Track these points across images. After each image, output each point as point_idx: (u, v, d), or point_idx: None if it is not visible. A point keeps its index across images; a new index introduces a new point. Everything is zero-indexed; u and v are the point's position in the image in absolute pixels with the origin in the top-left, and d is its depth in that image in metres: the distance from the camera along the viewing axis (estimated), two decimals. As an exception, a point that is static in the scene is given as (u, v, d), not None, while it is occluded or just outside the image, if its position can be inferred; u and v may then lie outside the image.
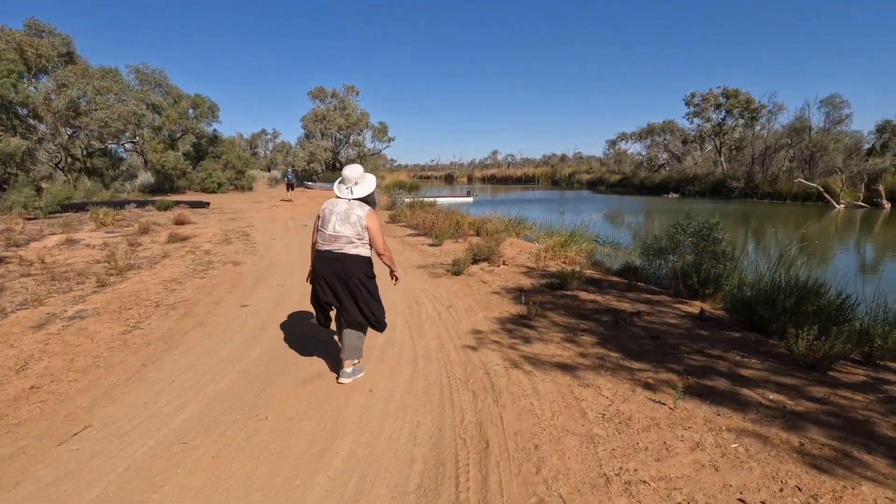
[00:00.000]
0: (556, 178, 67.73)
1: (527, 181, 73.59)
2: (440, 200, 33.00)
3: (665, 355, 3.75)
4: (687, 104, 36.77)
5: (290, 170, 31.96)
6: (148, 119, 27.01)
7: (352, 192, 3.35)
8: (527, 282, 6.38)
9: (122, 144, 30.41)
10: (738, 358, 3.67)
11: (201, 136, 32.42)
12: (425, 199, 34.46)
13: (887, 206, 23.55)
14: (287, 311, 5.29)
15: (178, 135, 30.57)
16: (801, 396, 3.03)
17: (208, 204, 20.51)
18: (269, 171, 49.56)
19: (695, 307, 5.11)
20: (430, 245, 9.98)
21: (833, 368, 3.50)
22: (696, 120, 37.46)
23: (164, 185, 29.04)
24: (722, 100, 35.36)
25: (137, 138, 30.19)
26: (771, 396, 3.03)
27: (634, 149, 53.37)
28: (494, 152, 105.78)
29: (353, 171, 3.37)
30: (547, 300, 5.47)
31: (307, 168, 35.65)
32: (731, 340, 4.03)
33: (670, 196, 35.93)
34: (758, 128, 34.14)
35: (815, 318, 3.84)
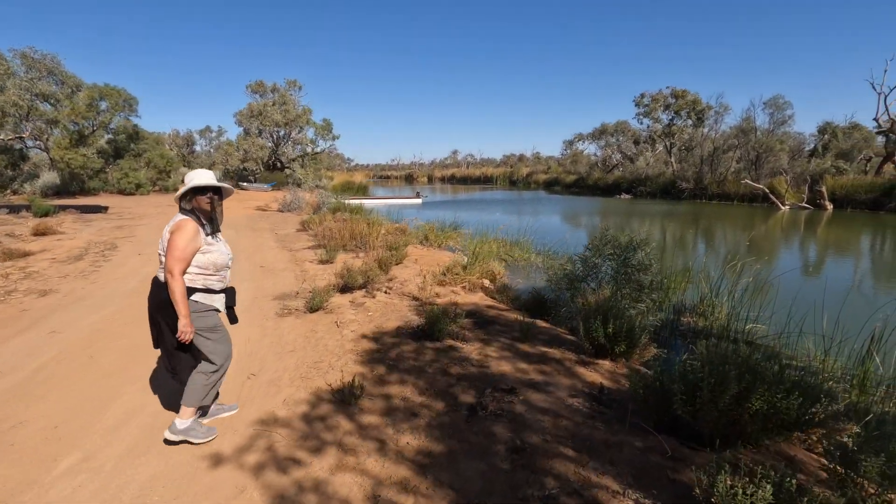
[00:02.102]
0: (514, 178, 67.21)
1: (485, 181, 72.81)
2: (378, 203, 31.16)
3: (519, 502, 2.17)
4: (637, 105, 36.34)
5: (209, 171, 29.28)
6: (41, 111, 23.85)
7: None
8: (396, 323, 4.75)
9: (23, 140, 26.92)
10: None
11: (118, 132, 29.29)
12: (364, 201, 32.69)
13: (830, 207, 23.49)
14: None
15: (90, 130, 27.39)
16: None
17: (106, 208, 17.94)
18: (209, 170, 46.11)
19: (598, 374, 3.61)
20: (321, 262, 8.24)
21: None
22: (645, 120, 37.13)
23: (72, 186, 25.92)
24: (671, 100, 35.10)
25: (45, 135, 26.85)
26: None
27: (590, 149, 53.14)
28: (454, 152, 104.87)
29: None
30: (404, 358, 3.85)
31: (241, 167, 32.92)
32: (635, 458, 2.50)
33: (622, 197, 35.44)
34: (706, 129, 34.03)
35: (772, 417, 2.38)
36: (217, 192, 2.94)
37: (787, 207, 24.27)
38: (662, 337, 6.32)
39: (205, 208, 2.81)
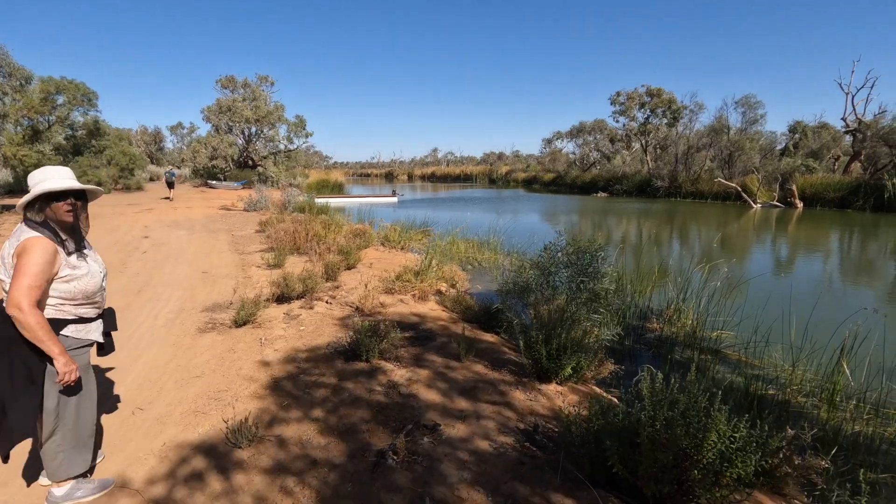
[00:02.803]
0: (494, 176, 67.07)
1: (465, 179, 72.57)
2: (352, 202, 30.41)
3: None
4: (612, 103, 36.33)
5: (170, 168, 28.30)
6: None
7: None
8: (328, 339, 4.24)
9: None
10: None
11: (77, 128, 27.93)
12: (337, 199, 31.95)
13: (800, 205, 23.72)
14: None
15: (45, 126, 26.02)
16: None
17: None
18: (178, 168, 44.69)
19: (539, 402, 3.17)
20: (269, 266, 7.66)
21: None
22: (621, 119, 37.16)
23: (26, 184, 24.54)
24: (646, 99, 35.18)
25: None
26: None
27: (569, 147, 53.15)
28: (435, 150, 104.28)
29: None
30: (322, 384, 3.35)
31: (210, 165, 31.76)
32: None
33: (599, 195, 35.43)
34: (680, 127, 34.22)
35: (725, 474, 1.94)
36: (80, 197, 2.37)
37: (759, 206, 24.44)
38: (624, 348, 5.96)
39: (64, 219, 2.19)
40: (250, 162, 34.95)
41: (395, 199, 32.19)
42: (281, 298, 5.47)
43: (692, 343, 5.90)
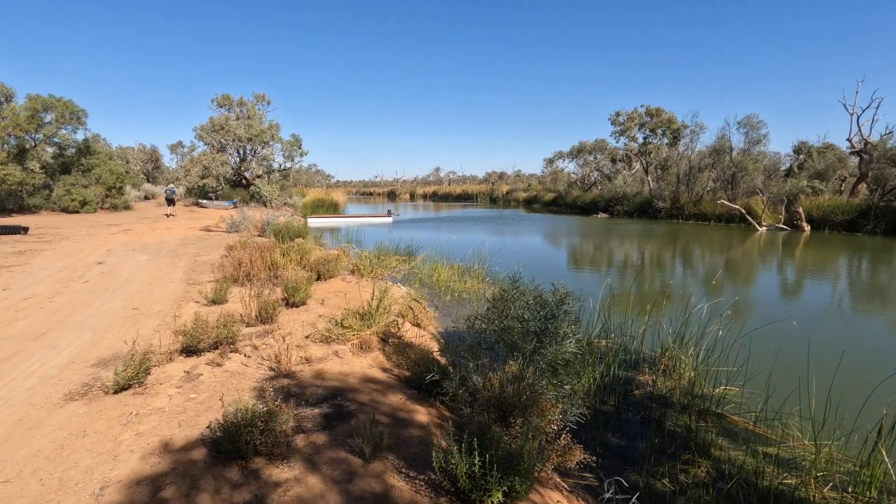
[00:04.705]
0: (494, 195, 66.60)
1: (466, 198, 72.18)
2: (346, 222, 29.68)
3: None
4: (613, 123, 35.71)
5: (170, 185, 27.73)
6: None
7: None
8: (216, 415, 3.29)
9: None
10: None
11: (65, 146, 27.45)
12: (329, 220, 31.18)
13: (807, 228, 22.73)
14: None
15: (31, 144, 25.57)
16: None
17: (26, 229, 16.14)
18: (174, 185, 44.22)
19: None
20: (210, 303, 6.74)
21: None
22: (622, 139, 36.50)
23: (9, 203, 23.94)
24: (646, 118, 34.55)
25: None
26: None
27: (570, 167, 52.58)
28: (437, 168, 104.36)
29: None
30: (166, 501, 2.40)
31: (200, 184, 31.15)
32: None
33: (600, 216, 34.57)
34: (682, 147, 33.48)
35: None
36: None
37: (765, 228, 23.46)
38: (608, 410, 4.96)
39: None
40: (243, 181, 34.37)
41: (389, 220, 31.43)
42: (190, 350, 4.54)
43: (690, 404, 4.89)
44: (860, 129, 26.44)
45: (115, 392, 3.76)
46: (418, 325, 6.67)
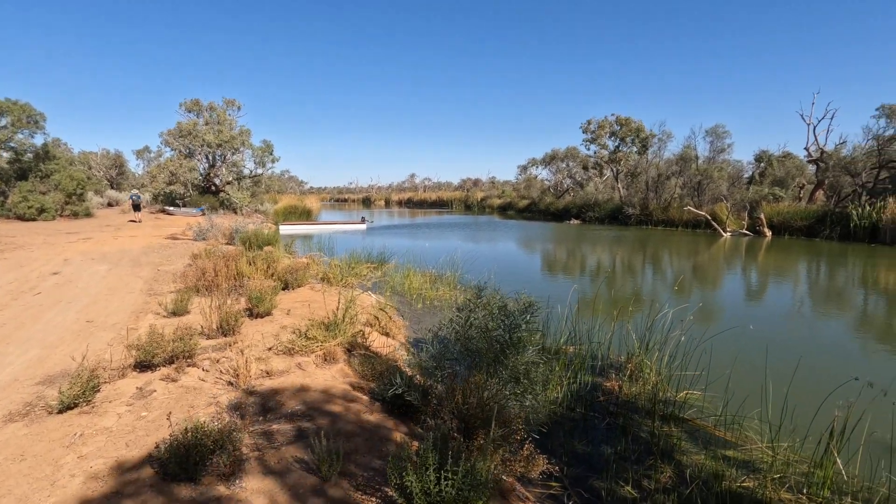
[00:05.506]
0: (469, 202, 66.96)
1: (441, 205, 72.34)
2: (319, 229, 29.27)
3: None
4: (584, 131, 36.45)
5: (134, 191, 26.87)
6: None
7: None
8: (167, 433, 3.14)
9: None
10: None
11: (22, 151, 26.27)
12: (301, 227, 30.73)
13: (769, 234, 23.58)
14: None
15: (-16, 149, 24.39)
16: None
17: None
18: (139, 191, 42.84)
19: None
20: (170, 314, 6.50)
21: None
22: (592, 146, 37.25)
23: (-45, 211, 22.75)
24: (616, 127, 35.39)
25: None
26: None
27: (543, 174, 53.31)
28: (412, 175, 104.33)
29: None
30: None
31: (167, 190, 30.25)
32: None
33: (572, 222, 35.12)
34: (650, 155, 34.39)
35: None
36: None
37: (729, 234, 24.24)
38: (575, 418, 4.99)
39: None
40: (213, 187, 33.57)
41: (363, 227, 31.16)
42: (144, 365, 4.35)
43: (654, 409, 4.96)
44: (816, 139, 27.70)
45: (60, 412, 3.56)
46: (387, 335, 6.59)
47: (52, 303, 7.46)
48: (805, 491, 3.60)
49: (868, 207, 21.04)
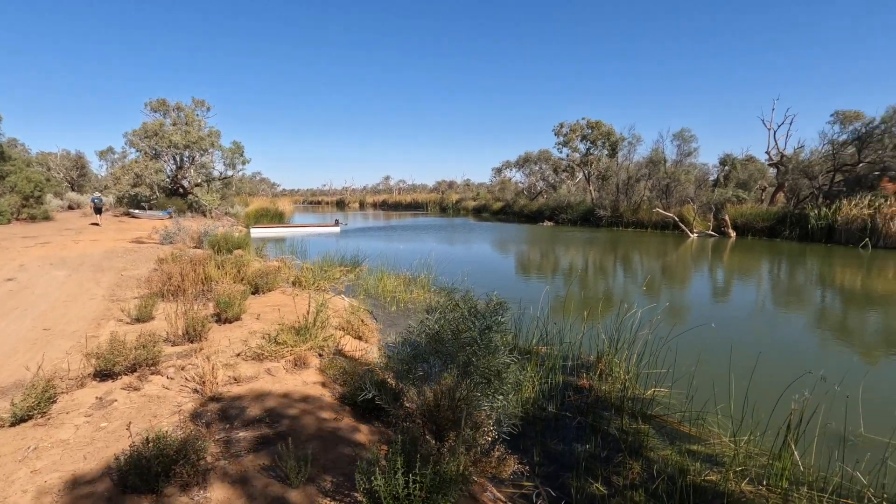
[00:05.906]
0: (444, 204, 67.09)
1: (416, 207, 72.24)
2: (292, 232, 28.82)
3: None
4: (556, 134, 37.03)
5: (96, 193, 25.90)
6: None
7: None
8: (125, 445, 3.03)
9: None
10: None
11: (-27, 152, 24.97)
12: (273, 230, 30.20)
13: (733, 234, 24.44)
14: None
15: (-68, 149, 23.06)
16: None
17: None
18: (101, 193, 41.25)
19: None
20: (133, 321, 6.29)
21: None
22: (565, 149, 37.87)
23: None
24: (587, 130, 36.08)
25: None
26: None
27: (517, 177, 53.88)
28: (387, 177, 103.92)
29: None
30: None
31: (132, 193, 29.22)
32: None
33: (546, 224, 35.60)
34: (620, 158, 35.19)
35: None
36: None
37: (696, 235, 25.01)
38: (547, 417, 5.05)
39: None
40: (181, 189, 32.62)
41: (337, 230, 30.81)
42: (105, 374, 4.19)
43: (623, 407, 5.07)
44: (777, 143, 28.91)
45: (13, 424, 3.40)
46: (360, 338, 6.53)
47: (5, 311, 7.11)
48: (765, 482, 3.74)
49: (825, 209, 22.05)
